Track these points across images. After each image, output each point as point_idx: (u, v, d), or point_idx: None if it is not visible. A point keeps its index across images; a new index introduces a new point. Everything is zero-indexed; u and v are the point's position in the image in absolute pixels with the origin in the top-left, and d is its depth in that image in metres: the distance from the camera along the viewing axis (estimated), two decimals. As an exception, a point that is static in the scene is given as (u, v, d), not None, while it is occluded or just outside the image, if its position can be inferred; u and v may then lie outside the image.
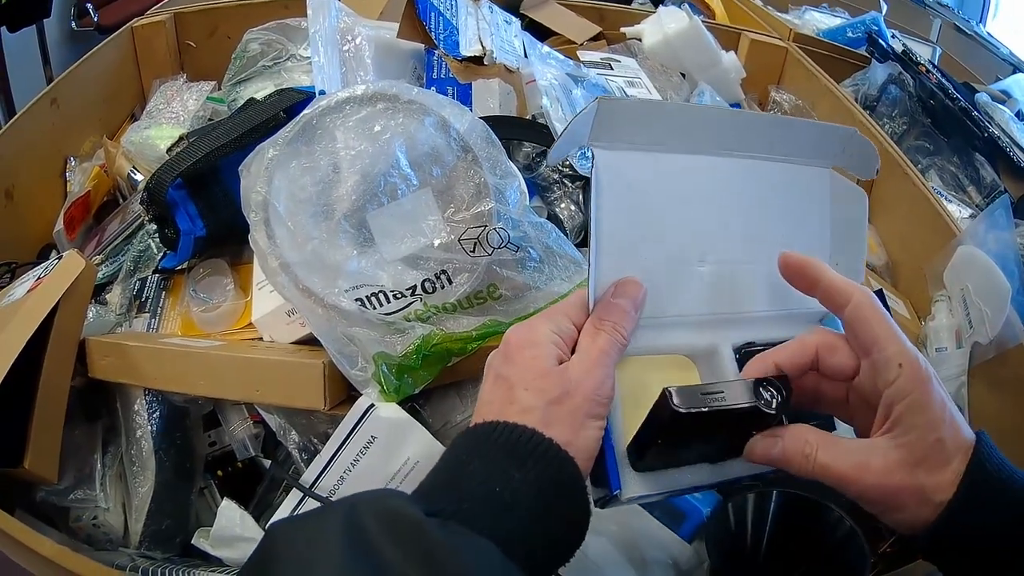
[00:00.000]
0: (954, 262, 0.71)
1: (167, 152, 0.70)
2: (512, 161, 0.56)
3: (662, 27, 0.96)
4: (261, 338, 0.59)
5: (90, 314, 0.62)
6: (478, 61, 0.72)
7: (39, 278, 0.56)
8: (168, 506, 0.57)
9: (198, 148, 0.62)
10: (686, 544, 0.55)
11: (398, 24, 0.73)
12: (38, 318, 0.51)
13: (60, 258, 0.57)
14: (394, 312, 0.49)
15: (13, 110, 1.84)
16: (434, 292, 0.49)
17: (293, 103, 0.65)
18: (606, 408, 0.35)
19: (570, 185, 0.69)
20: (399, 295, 0.49)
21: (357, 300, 0.49)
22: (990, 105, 1.06)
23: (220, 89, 0.93)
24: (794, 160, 0.43)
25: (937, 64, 1.17)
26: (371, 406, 0.49)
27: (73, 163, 0.85)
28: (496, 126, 0.52)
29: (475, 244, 0.48)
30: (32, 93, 0.82)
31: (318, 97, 0.53)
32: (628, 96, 0.84)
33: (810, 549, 0.52)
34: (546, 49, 0.82)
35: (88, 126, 0.88)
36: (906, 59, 1.05)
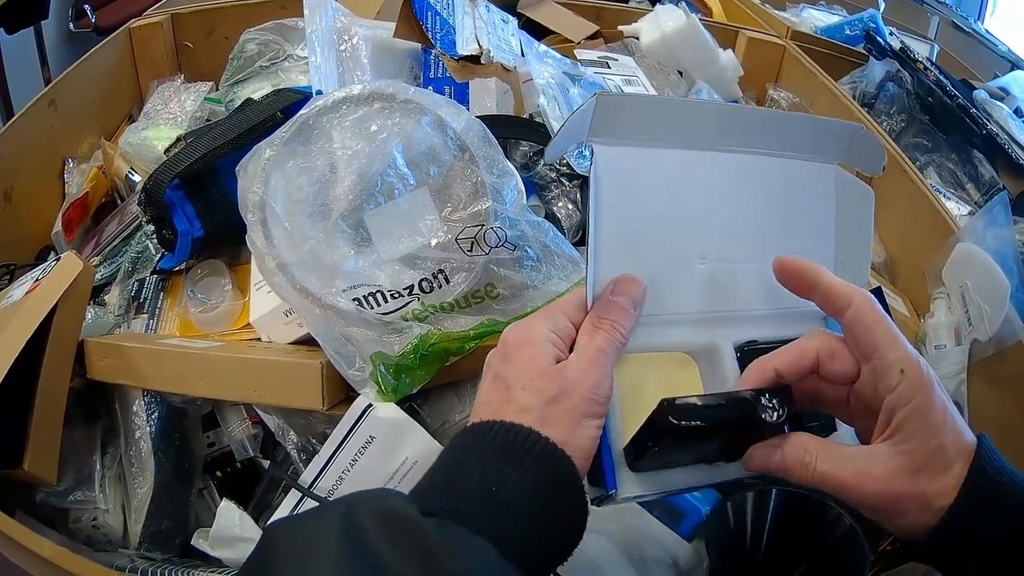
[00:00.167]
0: (953, 259, 0.71)
1: (165, 153, 0.70)
2: (509, 160, 0.56)
3: (659, 25, 0.96)
4: (259, 338, 0.59)
5: (88, 315, 0.62)
6: (475, 60, 0.72)
7: (37, 280, 0.56)
8: (167, 507, 0.57)
9: (195, 149, 0.62)
10: (685, 543, 0.55)
11: (395, 24, 0.73)
12: (37, 319, 0.51)
13: (58, 259, 0.57)
14: (391, 312, 0.49)
15: (11, 111, 1.84)
16: (431, 292, 0.49)
17: (290, 103, 0.64)
18: (604, 407, 0.35)
19: (567, 184, 0.69)
20: (396, 295, 0.49)
21: (354, 300, 0.48)
22: (988, 102, 1.06)
23: (217, 90, 0.93)
24: (798, 156, 0.42)
25: (935, 61, 1.17)
26: (369, 406, 0.49)
27: (71, 164, 0.85)
28: (493, 125, 0.52)
29: (472, 243, 0.48)
30: (30, 94, 0.81)
31: (315, 97, 0.53)
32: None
33: (810, 547, 0.52)
34: (543, 48, 0.82)
35: (86, 127, 0.88)
36: (904, 56, 1.05)
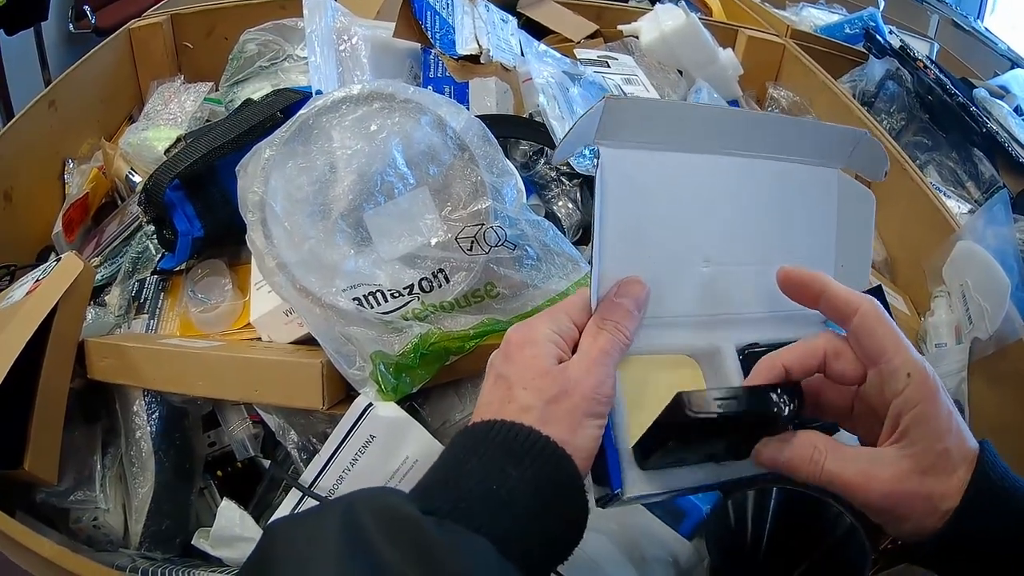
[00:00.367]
0: (953, 257, 0.71)
1: (165, 153, 0.70)
2: (509, 159, 0.56)
3: (659, 24, 0.96)
4: (259, 338, 0.59)
5: (89, 316, 0.62)
6: (475, 60, 0.72)
7: (38, 280, 0.56)
8: (168, 507, 0.57)
9: (195, 149, 0.62)
10: (686, 542, 0.55)
11: (394, 23, 0.73)
12: (37, 320, 0.51)
13: (59, 260, 0.57)
14: (391, 311, 0.49)
15: (11, 112, 1.84)
16: (431, 291, 0.49)
17: (290, 103, 0.64)
18: (606, 407, 0.35)
19: (568, 183, 0.69)
20: (396, 294, 0.49)
21: (354, 299, 0.49)
22: (988, 100, 1.05)
23: (217, 90, 0.93)
24: (801, 160, 0.42)
25: (935, 60, 1.17)
26: (369, 405, 0.49)
27: (71, 165, 0.85)
28: (493, 124, 0.52)
29: (472, 242, 0.48)
30: (30, 95, 0.82)
31: (314, 97, 0.53)
32: (625, 93, 0.84)
33: (811, 546, 0.52)
34: (542, 47, 0.82)
35: (86, 128, 0.88)
36: (904, 55, 1.05)
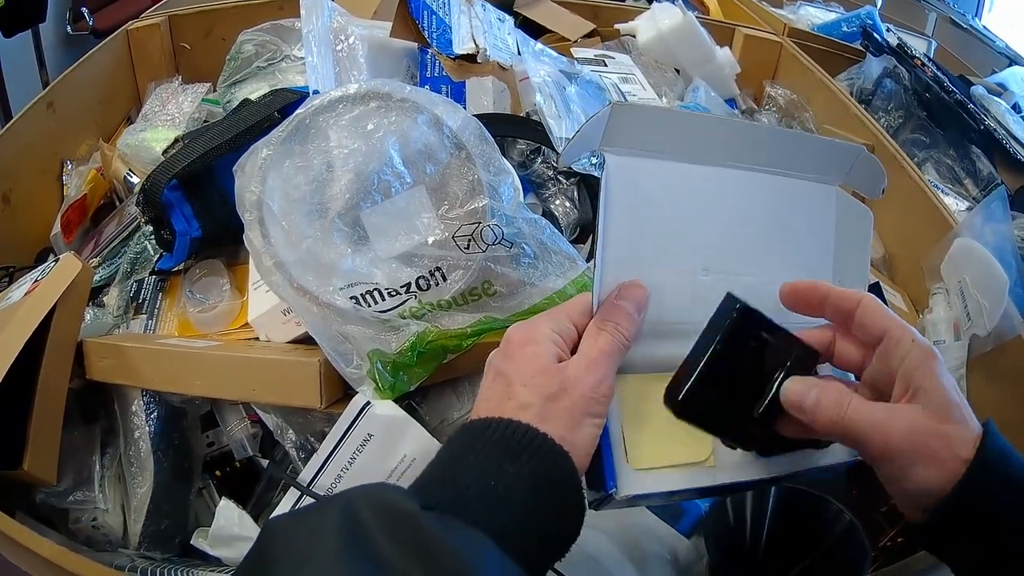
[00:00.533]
0: (951, 254, 0.71)
1: (163, 154, 0.70)
2: (506, 158, 0.56)
3: (656, 23, 0.96)
4: (257, 338, 0.59)
5: (87, 316, 0.62)
6: (471, 59, 0.72)
7: (36, 281, 0.56)
8: (167, 506, 0.57)
9: (193, 149, 0.62)
10: (685, 539, 0.55)
11: (391, 23, 0.73)
12: (35, 320, 0.51)
13: (57, 261, 0.57)
14: (389, 310, 0.49)
15: (9, 114, 1.84)
16: (428, 289, 0.49)
17: (287, 103, 0.65)
18: (604, 407, 0.35)
19: (565, 182, 0.69)
20: (394, 292, 0.49)
21: (352, 298, 0.49)
22: (986, 98, 1.06)
23: (215, 91, 0.93)
24: (802, 176, 0.43)
25: (933, 57, 1.17)
26: (367, 404, 0.49)
27: (69, 166, 0.85)
28: (490, 123, 0.52)
29: (469, 241, 0.48)
30: (28, 97, 0.82)
31: (311, 96, 0.53)
32: (623, 92, 0.84)
33: (810, 544, 0.52)
34: (539, 46, 0.82)
35: (84, 129, 0.88)
36: (901, 52, 1.05)
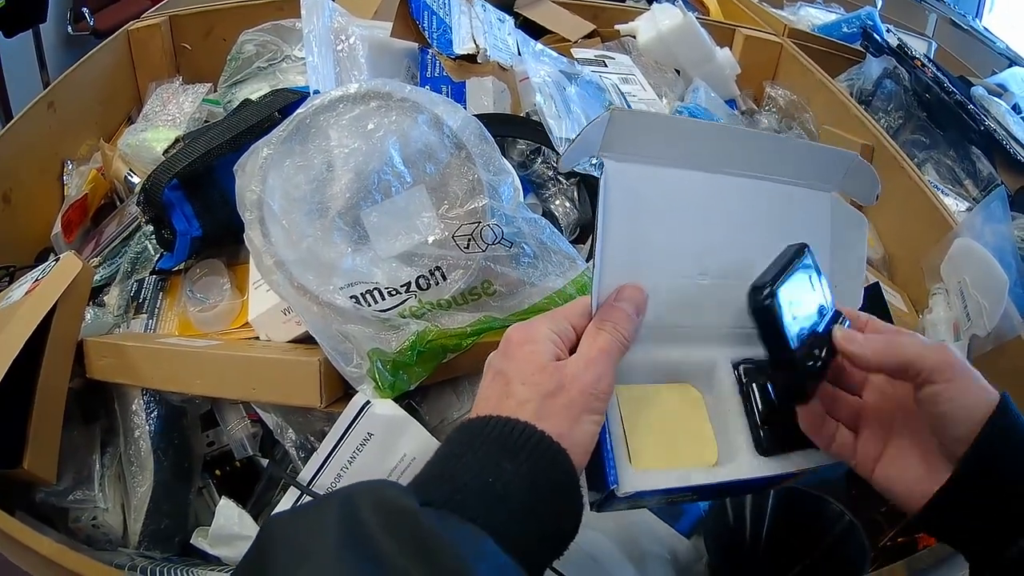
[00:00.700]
0: (951, 255, 0.71)
1: (163, 154, 0.70)
2: (506, 158, 0.56)
3: (656, 24, 0.97)
4: (257, 337, 0.59)
5: (88, 316, 0.62)
6: (472, 59, 0.72)
7: (37, 280, 0.56)
8: (166, 506, 0.57)
9: (194, 149, 0.62)
10: (684, 539, 0.55)
11: (391, 23, 0.74)
12: (36, 319, 0.51)
13: (57, 260, 0.57)
14: (389, 309, 0.49)
15: (10, 114, 1.84)
16: (428, 289, 0.49)
17: (288, 103, 0.65)
18: (603, 404, 0.35)
19: (564, 182, 0.69)
20: (394, 292, 0.49)
21: (352, 297, 0.49)
22: (986, 98, 1.06)
23: (216, 91, 0.93)
24: (798, 183, 0.44)
25: (933, 58, 1.17)
26: (367, 403, 0.49)
27: (70, 166, 0.85)
28: (490, 123, 0.52)
29: (469, 240, 0.48)
30: (29, 97, 0.82)
31: (312, 96, 0.53)
32: (623, 93, 0.84)
33: (810, 543, 0.52)
34: (539, 47, 0.82)
35: (85, 129, 0.88)
36: (901, 53, 1.05)
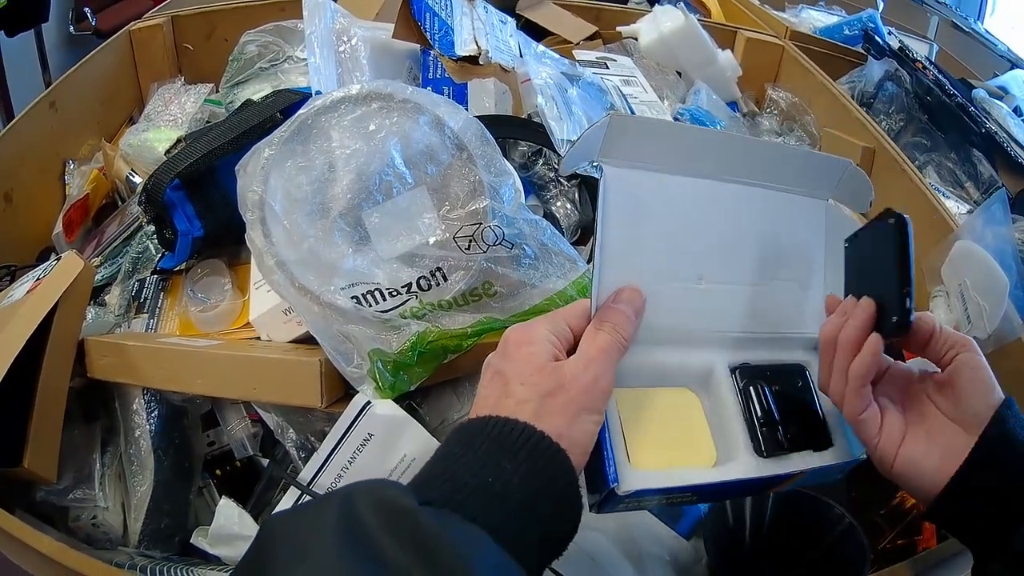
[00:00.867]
0: (952, 257, 0.71)
1: (165, 154, 0.70)
2: (508, 160, 0.56)
3: (658, 26, 0.97)
4: (258, 337, 0.59)
5: (89, 315, 0.62)
6: (473, 61, 0.72)
7: (38, 279, 0.56)
8: (167, 505, 0.57)
9: (195, 149, 0.62)
10: (684, 540, 0.55)
11: (393, 25, 0.74)
12: (37, 318, 0.51)
13: (59, 259, 0.58)
14: (390, 309, 0.49)
15: (12, 113, 1.84)
16: (429, 289, 0.49)
17: (289, 104, 0.65)
18: (603, 403, 0.35)
19: (566, 184, 0.69)
20: (395, 292, 0.49)
21: (353, 298, 0.49)
22: (987, 101, 1.06)
23: (218, 91, 0.93)
24: (794, 190, 0.45)
25: (934, 61, 1.17)
26: (367, 403, 0.49)
27: (72, 166, 0.85)
28: (491, 125, 0.52)
29: (470, 242, 0.48)
30: (31, 97, 0.82)
31: (313, 97, 0.53)
32: (624, 95, 0.84)
33: (809, 545, 0.52)
34: (541, 48, 0.82)
35: (86, 129, 0.88)
36: (903, 56, 1.05)
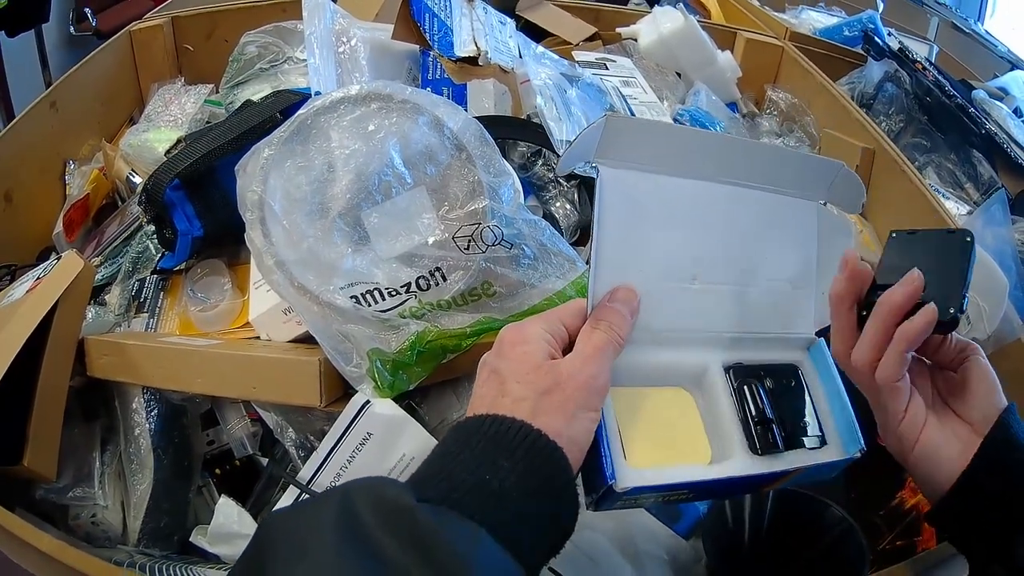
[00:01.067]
0: (951, 258, 0.71)
1: (165, 155, 0.70)
2: (507, 160, 0.56)
3: (657, 27, 0.97)
4: (258, 337, 0.60)
5: (89, 315, 0.62)
6: (473, 62, 0.72)
7: (38, 278, 0.56)
8: (166, 504, 0.57)
9: (195, 149, 0.62)
10: (683, 540, 0.55)
11: (393, 25, 0.74)
12: (37, 317, 0.51)
13: (59, 259, 0.58)
14: (389, 309, 0.49)
15: (12, 114, 1.84)
16: (428, 289, 0.49)
17: (289, 104, 0.65)
18: (599, 400, 0.35)
19: (565, 184, 0.69)
20: (394, 292, 0.49)
21: (352, 297, 0.49)
22: (987, 102, 1.05)
23: (218, 92, 0.93)
24: (787, 192, 0.46)
25: (934, 62, 1.17)
26: (366, 403, 0.49)
27: (72, 166, 0.85)
28: (491, 126, 0.52)
29: (469, 242, 0.48)
30: (31, 97, 0.82)
31: (313, 97, 0.53)
32: (624, 96, 0.84)
33: (808, 546, 0.52)
34: (540, 49, 0.82)
35: (87, 129, 0.88)
36: (902, 57, 1.05)
